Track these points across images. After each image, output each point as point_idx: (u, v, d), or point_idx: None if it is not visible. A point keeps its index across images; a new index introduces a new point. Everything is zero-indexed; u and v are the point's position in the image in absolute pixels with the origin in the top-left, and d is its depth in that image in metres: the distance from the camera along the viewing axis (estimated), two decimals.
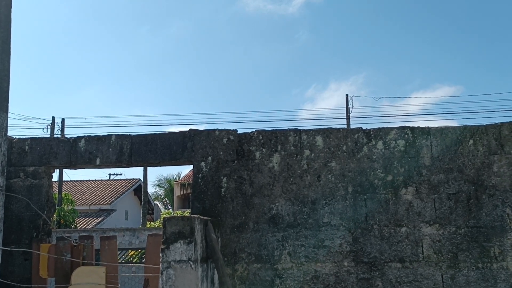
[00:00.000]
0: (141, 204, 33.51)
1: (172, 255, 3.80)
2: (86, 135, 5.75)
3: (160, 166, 5.82)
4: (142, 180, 33.42)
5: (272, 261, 5.32)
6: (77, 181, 39.22)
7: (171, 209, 40.91)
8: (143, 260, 19.83)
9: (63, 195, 26.61)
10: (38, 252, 5.21)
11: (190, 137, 5.65)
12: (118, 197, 36.06)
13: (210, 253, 4.44)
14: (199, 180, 5.56)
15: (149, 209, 35.96)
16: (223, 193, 5.50)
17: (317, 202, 5.41)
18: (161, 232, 5.56)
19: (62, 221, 24.36)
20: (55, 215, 22.47)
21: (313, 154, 5.52)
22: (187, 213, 30.33)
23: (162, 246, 3.86)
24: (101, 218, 32.36)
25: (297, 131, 5.60)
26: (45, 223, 5.71)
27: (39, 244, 5.36)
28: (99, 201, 34.91)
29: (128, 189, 38.15)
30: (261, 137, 5.61)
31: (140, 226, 27.81)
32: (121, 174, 44.06)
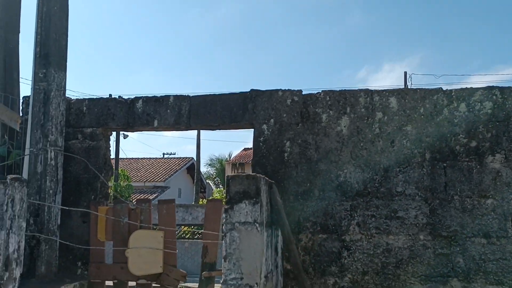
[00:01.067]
0: (193, 182, 33.99)
1: (237, 216, 3.48)
2: (143, 95, 5.53)
3: (220, 129, 5.51)
4: (195, 158, 33.90)
5: (339, 232, 4.91)
6: (132, 158, 40.34)
7: (222, 188, 41.28)
8: (195, 237, 20.07)
9: (119, 171, 27.36)
10: (96, 213, 5.07)
11: (251, 98, 5.28)
12: (172, 175, 36.68)
13: (276, 218, 4.10)
14: (261, 144, 5.20)
15: (201, 188, 36.40)
16: (286, 158, 5.12)
17: (390, 169, 4.91)
18: (219, 200, 5.29)
19: (119, 195, 25.04)
20: (112, 189, 23.12)
21: (386, 117, 5.01)
22: None
23: (226, 206, 3.54)
24: (155, 195, 33.03)
25: (368, 92, 5.11)
26: (103, 186, 5.58)
27: (97, 206, 5.23)
28: (153, 178, 35.66)
29: (182, 167, 38.77)
30: (328, 98, 5.16)
31: (193, 203, 28.13)
32: (175, 153, 45.02)
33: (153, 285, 5.05)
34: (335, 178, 5.00)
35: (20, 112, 5.80)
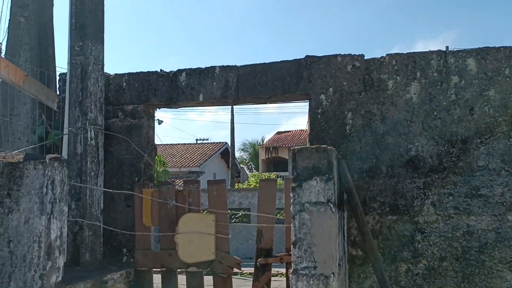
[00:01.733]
0: (228, 167, 33.83)
1: (306, 195, 2.98)
2: (187, 68, 5.06)
3: (271, 102, 5.00)
4: (229, 143, 33.76)
5: (411, 213, 4.35)
6: (167, 144, 40.64)
7: (255, 172, 41.06)
8: (232, 221, 19.79)
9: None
10: (140, 194, 4.67)
11: (306, 65, 4.73)
12: (206, 160, 36.58)
13: (347, 197, 3.58)
14: (319, 116, 4.66)
15: (236, 172, 36.22)
16: (348, 131, 4.57)
17: (469, 141, 4.30)
18: (273, 179, 4.81)
19: (155, 181, 25.07)
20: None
21: (463, 81, 4.37)
22: (274, 174, 29.85)
23: (293, 185, 3.05)
24: (190, 178, 32.92)
25: (441, 53, 4.47)
26: (147, 167, 5.18)
27: (141, 189, 4.84)
28: (188, 163, 35.64)
29: (216, 152, 38.67)
30: (394, 63, 4.55)
31: (229, 187, 27.95)
32: (207, 139, 45.04)
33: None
34: (405, 152, 4.42)
35: (57, 90, 5.44)
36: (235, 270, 4.59)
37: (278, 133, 44.42)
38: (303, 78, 4.72)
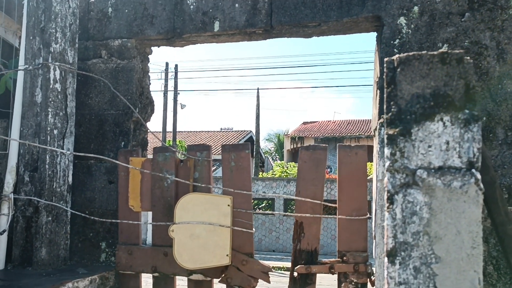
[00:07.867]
0: (252, 156, 32.45)
1: (421, 153, 1.39)
2: None
3: (321, 33, 3.38)
4: (254, 131, 32.51)
5: None
6: (190, 131, 39.83)
7: (278, 161, 39.71)
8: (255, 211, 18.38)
9: (177, 142, 26.37)
10: (126, 165, 3.16)
11: None
12: None
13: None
14: (395, 51, 3.03)
15: (260, 161, 34.97)
16: None
17: None
18: (320, 146, 3.21)
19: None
20: None
21: None
22: None
23: (390, 131, 1.44)
24: (214, 168, 31.91)
25: None
26: (138, 127, 3.66)
27: (128, 157, 3.33)
28: (212, 151, 34.52)
29: (239, 140, 37.62)
30: None
31: (253, 176, 26.61)
32: (232, 129, 43.85)
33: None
34: None
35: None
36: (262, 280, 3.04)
37: (304, 123, 43.13)
38: None
